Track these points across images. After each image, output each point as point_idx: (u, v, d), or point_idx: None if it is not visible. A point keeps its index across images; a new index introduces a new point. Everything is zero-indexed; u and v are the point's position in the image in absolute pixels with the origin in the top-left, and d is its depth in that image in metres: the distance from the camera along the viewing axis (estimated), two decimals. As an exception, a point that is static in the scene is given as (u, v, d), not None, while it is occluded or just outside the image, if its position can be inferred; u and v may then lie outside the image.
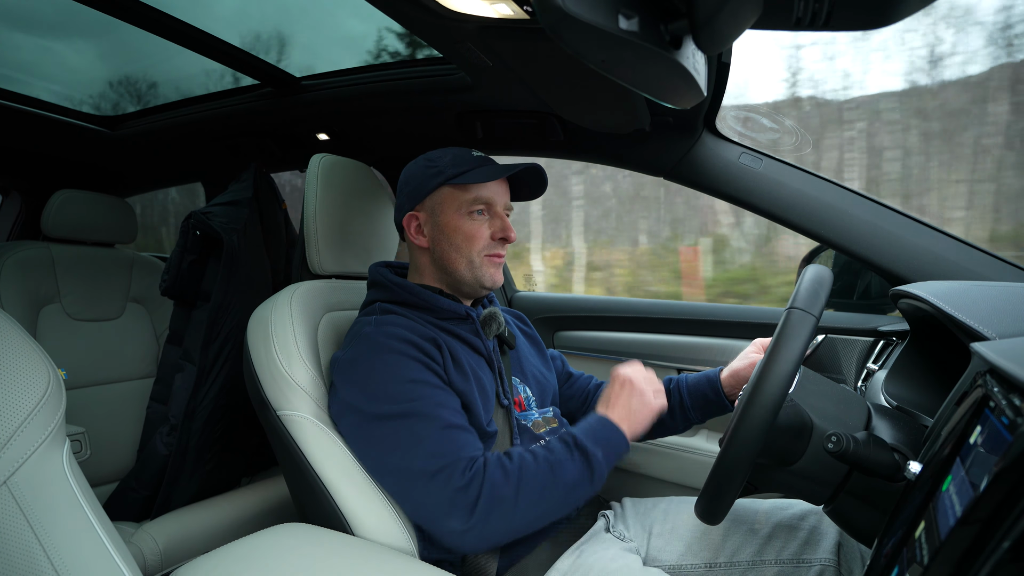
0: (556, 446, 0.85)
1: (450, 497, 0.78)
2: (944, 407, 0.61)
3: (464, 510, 0.77)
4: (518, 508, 0.78)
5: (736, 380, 1.05)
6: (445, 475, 0.79)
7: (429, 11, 0.88)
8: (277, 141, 1.67)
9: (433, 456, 0.80)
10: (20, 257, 1.53)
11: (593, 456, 0.83)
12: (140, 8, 1.13)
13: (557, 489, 0.81)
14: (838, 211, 1.12)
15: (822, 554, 0.92)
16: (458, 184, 0.96)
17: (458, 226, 0.97)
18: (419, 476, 0.80)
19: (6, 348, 0.57)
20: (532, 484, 0.80)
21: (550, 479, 0.81)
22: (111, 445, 1.58)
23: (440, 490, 0.79)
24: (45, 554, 0.51)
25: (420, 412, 0.83)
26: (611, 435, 0.87)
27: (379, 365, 0.87)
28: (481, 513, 0.77)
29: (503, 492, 0.78)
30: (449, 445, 0.82)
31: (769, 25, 0.49)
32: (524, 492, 0.79)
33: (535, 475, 0.80)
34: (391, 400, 0.85)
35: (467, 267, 0.98)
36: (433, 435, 0.82)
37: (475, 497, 0.78)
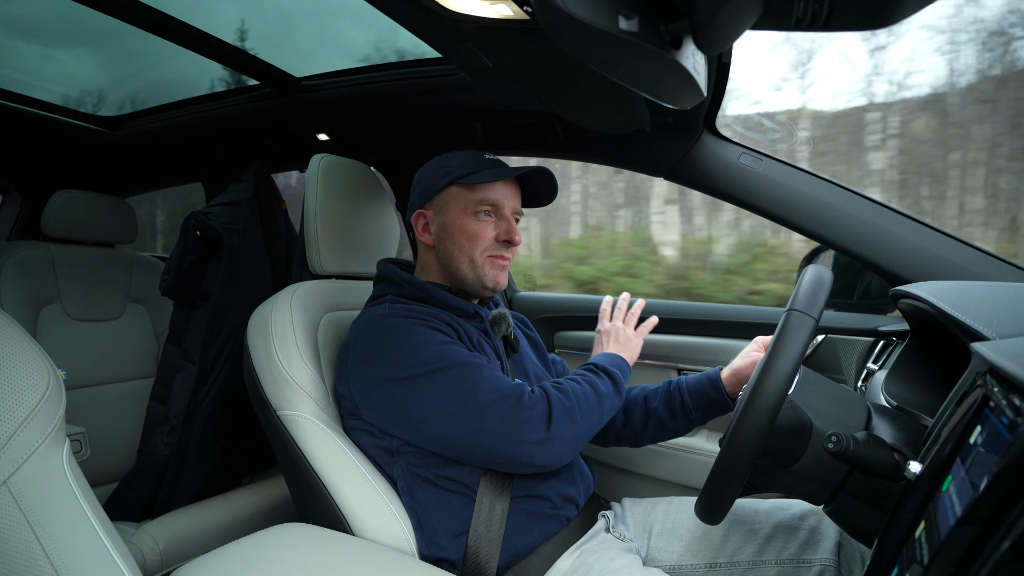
0: (584, 372, 0.97)
1: (527, 415, 0.84)
2: (944, 407, 0.61)
3: (541, 422, 0.84)
4: (581, 417, 0.88)
5: (737, 379, 1.05)
6: (513, 399, 0.85)
7: (429, 11, 0.88)
8: (277, 141, 1.67)
9: (494, 390, 0.86)
10: (20, 257, 1.53)
11: (614, 374, 0.98)
12: (141, 9, 1.13)
13: (600, 400, 0.93)
14: (838, 211, 1.12)
15: (822, 554, 0.92)
16: (466, 184, 0.98)
17: (463, 225, 0.98)
18: (488, 407, 0.84)
19: (6, 348, 0.57)
20: (583, 399, 0.90)
21: (593, 395, 0.92)
22: (111, 445, 1.58)
23: (513, 411, 0.84)
24: (45, 554, 0.51)
25: (465, 362, 0.88)
26: (618, 361, 1.03)
27: (403, 336, 0.90)
28: (556, 423, 0.85)
29: (568, 404, 0.88)
30: (503, 382, 0.88)
31: (769, 25, 0.49)
32: (581, 404, 0.89)
33: (584, 393, 0.91)
34: (429, 361, 0.87)
35: (469, 266, 0.99)
36: (485, 375, 0.87)
37: (546, 412, 0.85)
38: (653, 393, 1.12)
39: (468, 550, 0.89)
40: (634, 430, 1.12)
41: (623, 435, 1.14)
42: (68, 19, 1.28)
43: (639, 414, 1.12)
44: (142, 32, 1.21)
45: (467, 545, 0.90)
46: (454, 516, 0.91)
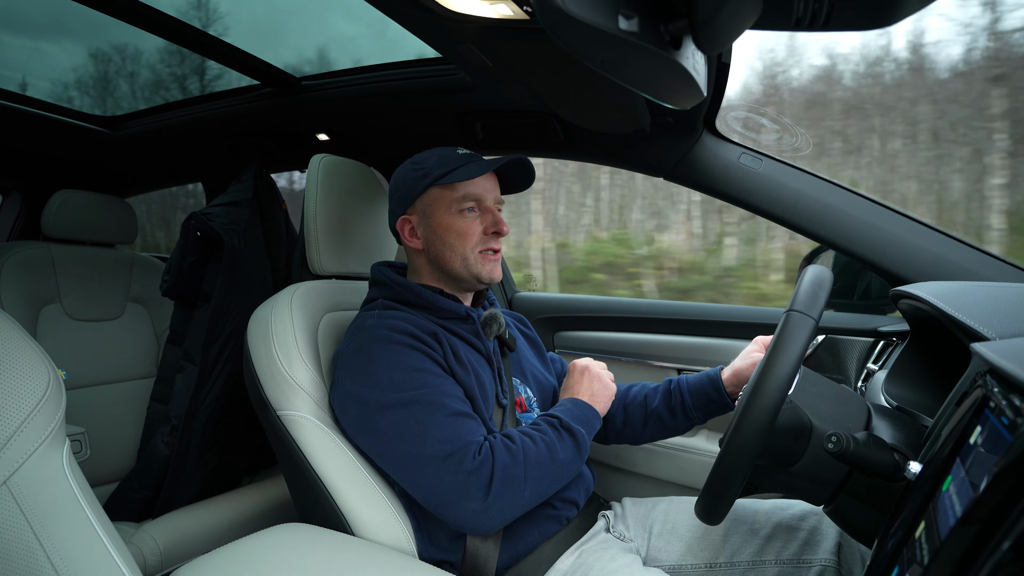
0: (546, 428, 0.90)
1: (464, 480, 0.80)
2: (944, 407, 0.60)
3: (480, 490, 0.80)
4: (526, 486, 0.83)
5: (738, 379, 1.05)
6: (456, 459, 0.81)
7: (429, 11, 0.88)
8: (277, 141, 1.67)
9: (442, 441, 0.82)
10: (20, 257, 1.53)
11: (578, 434, 0.91)
12: (140, 8, 1.13)
13: (555, 467, 0.87)
14: (838, 211, 1.12)
15: (822, 554, 0.92)
16: (445, 184, 0.97)
17: (450, 225, 0.98)
18: (430, 461, 0.82)
19: (6, 348, 0.57)
20: (535, 463, 0.84)
21: (548, 458, 0.86)
22: (111, 445, 1.58)
23: (453, 473, 0.81)
24: (45, 554, 0.51)
25: (425, 400, 0.85)
26: (587, 413, 0.96)
27: (382, 354, 0.88)
28: (496, 492, 0.80)
29: (513, 472, 0.82)
30: (457, 431, 0.84)
31: (769, 25, 0.49)
32: (530, 471, 0.84)
33: (537, 456, 0.85)
34: (396, 388, 0.86)
35: (462, 264, 0.99)
36: (440, 421, 0.84)
37: (488, 478, 0.81)
38: (653, 392, 1.12)
39: (467, 551, 0.89)
40: (634, 428, 1.12)
41: (623, 433, 1.14)
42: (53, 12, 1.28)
43: (639, 413, 1.11)
44: (141, 32, 1.21)
45: (466, 546, 0.90)
46: (454, 517, 0.91)
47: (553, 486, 0.88)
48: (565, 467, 0.88)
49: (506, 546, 0.91)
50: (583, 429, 0.92)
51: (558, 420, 0.91)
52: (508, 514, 0.83)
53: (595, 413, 0.97)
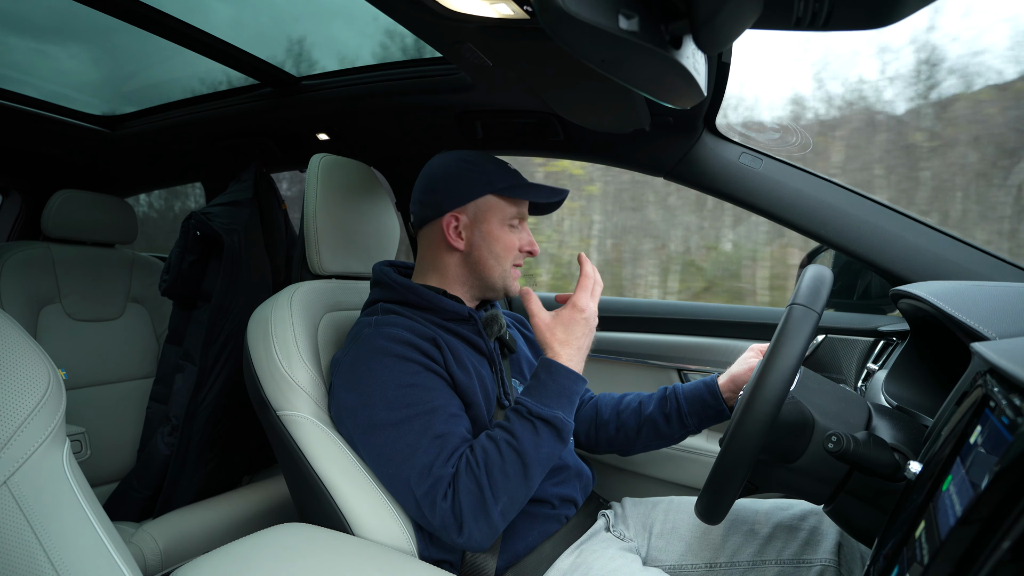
0: (517, 427, 0.83)
1: (441, 517, 0.80)
2: (944, 407, 0.60)
3: (453, 529, 0.80)
4: (498, 503, 0.80)
5: (735, 385, 1.05)
6: (431, 496, 0.81)
7: (429, 11, 0.88)
8: (277, 141, 1.67)
9: (423, 474, 0.81)
10: (20, 257, 1.53)
11: (554, 419, 0.83)
12: (141, 8, 1.13)
13: (531, 466, 0.82)
14: (838, 211, 1.12)
15: (822, 554, 0.92)
16: (506, 196, 0.99)
17: (499, 236, 0.99)
18: (412, 492, 0.82)
19: (6, 348, 0.57)
20: (502, 477, 0.80)
21: (518, 464, 0.81)
22: (111, 445, 1.58)
23: (431, 510, 0.81)
24: (45, 554, 0.51)
25: (415, 417, 0.84)
26: (564, 383, 0.86)
27: (377, 369, 0.88)
28: (468, 528, 0.79)
29: (480, 500, 0.79)
30: (438, 456, 0.82)
31: (769, 25, 0.49)
32: (497, 487, 0.80)
33: (503, 468, 0.80)
34: (388, 406, 0.85)
35: (500, 276, 1.01)
36: (424, 445, 0.83)
37: (459, 514, 0.79)
38: (648, 398, 1.12)
39: (467, 551, 0.89)
40: (627, 435, 1.11)
41: (615, 440, 1.13)
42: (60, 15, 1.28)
43: (632, 419, 1.11)
44: (140, 32, 1.21)
45: (467, 545, 0.90)
46: (454, 516, 0.91)
47: (534, 480, 0.83)
48: (544, 460, 0.83)
49: (506, 546, 0.91)
50: (559, 412, 0.83)
51: (528, 411, 0.83)
52: (490, 534, 0.81)
53: (574, 378, 0.86)
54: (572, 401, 0.86)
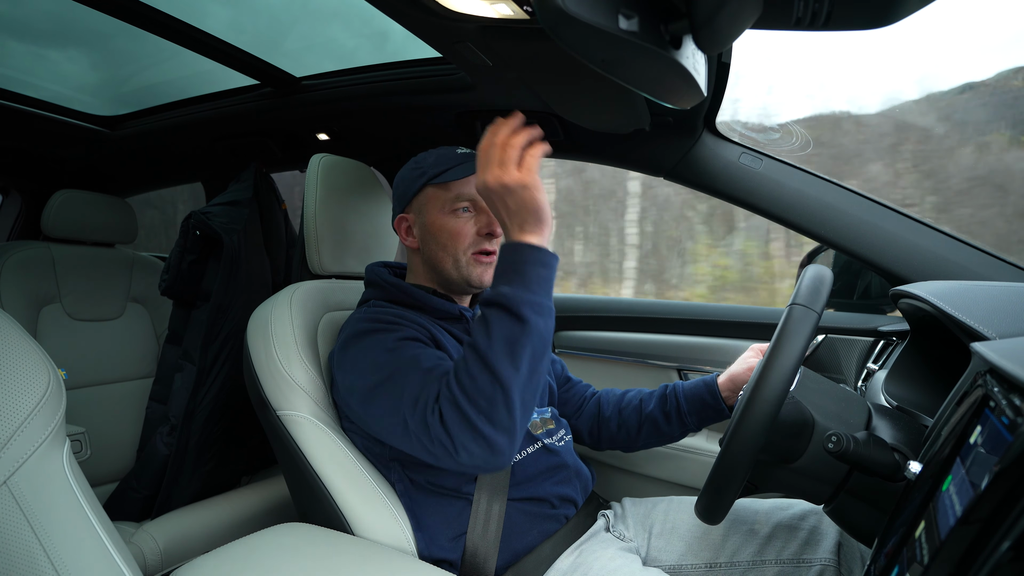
0: (473, 328, 0.77)
1: (438, 442, 0.75)
2: (944, 407, 0.60)
3: (451, 450, 0.74)
4: (477, 408, 0.73)
5: (734, 385, 1.05)
6: (424, 424, 0.76)
7: (429, 11, 0.88)
8: (277, 141, 1.67)
9: (413, 405, 0.78)
10: (20, 257, 1.53)
11: (496, 297, 0.75)
12: (140, 8, 1.13)
13: (489, 354, 0.73)
14: (838, 211, 1.12)
15: (822, 554, 0.92)
16: (440, 183, 0.97)
17: (443, 225, 0.97)
18: (409, 429, 0.78)
19: (6, 348, 0.57)
20: (471, 378, 0.74)
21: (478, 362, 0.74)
22: (111, 445, 1.58)
23: (428, 438, 0.76)
24: (45, 554, 0.51)
25: (403, 364, 0.83)
26: (507, 259, 0.77)
27: (365, 343, 0.89)
28: (460, 440, 0.73)
29: (459, 412, 0.74)
30: (425, 386, 0.79)
31: (769, 25, 0.49)
32: (470, 392, 0.73)
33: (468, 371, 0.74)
34: (378, 368, 0.85)
35: (453, 266, 0.98)
36: (413, 380, 0.80)
37: (450, 435, 0.74)
38: (649, 396, 1.12)
39: (467, 551, 0.89)
40: (628, 433, 1.12)
41: (617, 438, 1.14)
42: (60, 20, 1.28)
43: (633, 417, 1.11)
44: (140, 32, 1.21)
45: (466, 546, 0.90)
46: (452, 518, 0.91)
47: (500, 370, 0.73)
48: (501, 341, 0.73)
49: (505, 545, 0.91)
50: (502, 288, 0.75)
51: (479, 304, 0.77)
52: (484, 441, 0.73)
53: (514, 248, 0.77)
54: (520, 272, 0.75)
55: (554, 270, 0.78)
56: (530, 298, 0.74)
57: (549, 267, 0.77)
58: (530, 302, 0.74)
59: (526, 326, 0.73)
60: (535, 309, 0.74)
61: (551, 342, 0.78)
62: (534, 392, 0.76)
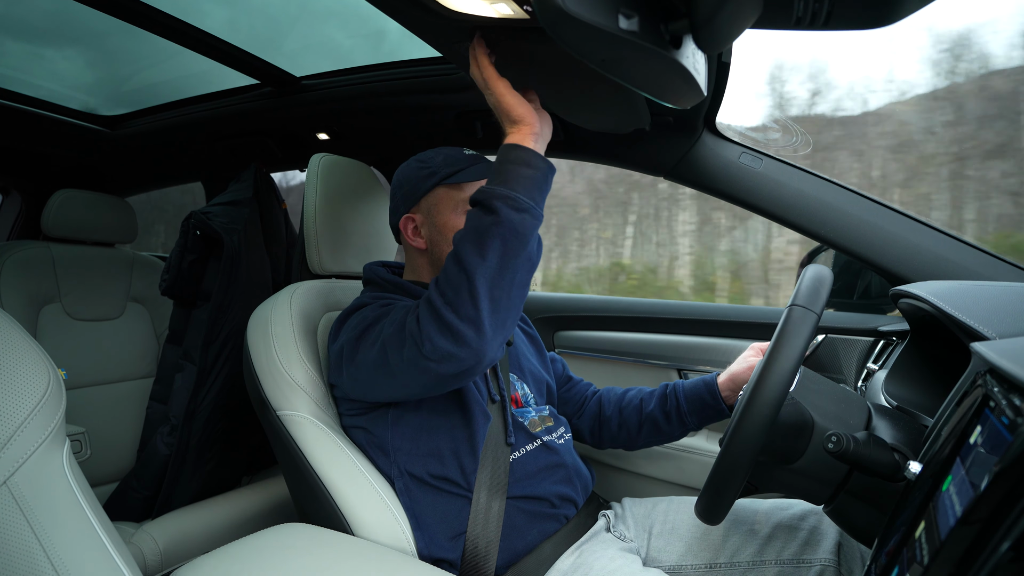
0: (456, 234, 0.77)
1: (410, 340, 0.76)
2: (944, 407, 0.60)
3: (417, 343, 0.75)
4: (444, 298, 0.73)
5: (734, 384, 1.05)
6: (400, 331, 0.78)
7: (429, 11, 0.88)
8: (277, 141, 1.67)
9: (395, 322, 0.80)
10: (20, 257, 1.53)
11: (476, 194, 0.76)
12: (140, 8, 1.13)
13: (459, 246, 0.74)
14: (838, 211, 1.12)
15: (822, 554, 0.92)
16: (452, 184, 0.97)
17: (456, 226, 0.97)
18: (386, 343, 0.80)
19: (6, 348, 0.57)
20: (445, 273, 0.74)
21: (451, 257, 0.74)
22: (111, 445, 1.58)
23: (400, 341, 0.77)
24: (45, 554, 0.51)
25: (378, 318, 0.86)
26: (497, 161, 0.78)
27: (359, 313, 0.91)
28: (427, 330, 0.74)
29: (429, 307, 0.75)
30: (407, 311, 0.80)
31: (769, 25, 0.49)
32: (442, 286, 0.74)
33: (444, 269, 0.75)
34: (364, 322, 0.87)
35: None
36: (397, 314, 0.82)
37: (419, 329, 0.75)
38: (649, 395, 1.12)
39: (467, 550, 0.89)
40: (629, 433, 1.12)
41: (618, 437, 1.14)
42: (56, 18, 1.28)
43: (634, 416, 1.11)
44: (140, 31, 1.21)
45: (465, 545, 0.90)
46: (452, 516, 0.91)
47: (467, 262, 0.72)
48: (471, 234, 0.74)
49: (505, 545, 0.91)
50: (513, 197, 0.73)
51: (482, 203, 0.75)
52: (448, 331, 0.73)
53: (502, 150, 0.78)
54: (501, 171, 0.76)
55: (541, 171, 0.77)
56: (504, 192, 0.74)
57: (534, 167, 0.76)
58: (504, 195, 0.73)
59: (496, 217, 0.72)
60: (508, 203, 0.73)
61: (533, 245, 0.76)
62: (507, 290, 0.74)
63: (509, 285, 0.74)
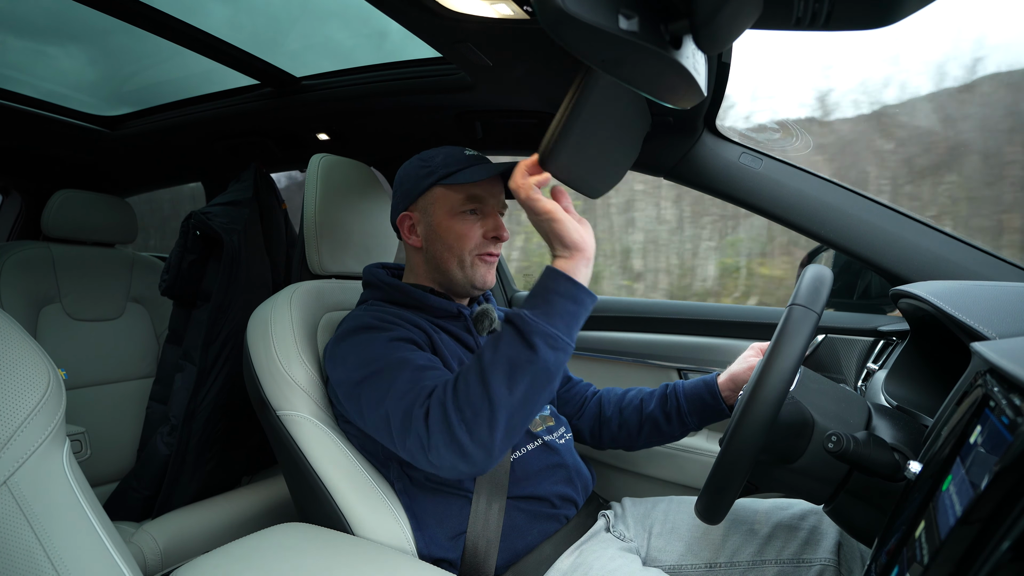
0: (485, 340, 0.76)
1: (415, 439, 0.75)
2: (944, 407, 0.60)
3: (423, 450, 0.74)
4: (462, 414, 0.72)
5: (734, 384, 1.05)
6: (406, 422, 0.77)
7: (429, 11, 0.88)
8: (277, 141, 1.67)
9: (399, 399, 0.78)
10: (20, 257, 1.53)
11: (513, 317, 0.73)
12: (140, 8, 1.13)
13: (488, 369, 0.72)
14: (838, 211, 1.12)
15: (822, 554, 0.92)
16: (450, 184, 0.97)
17: (450, 226, 0.97)
18: (390, 424, 0.78)
19: (6, 348, 0.57)
20: (466, 384, 0.73)
21: (476, 371, 0.73)
22: (111, 445, 1.58)
23: (404, 435, 0.76)
24: (45, 554, 0.51)
25: (394, 360, 0.83)
26: (542, 284, 0.75)
27: (359, 340, 0.89)
28: (436, 442, 0.73)
29: (443, 416, 0.73)
30: (415, 384, 0.79)
31: (769, 25, 0.49)
32: (461, 399, 0.73)
33: (465, 379, 0.74)
34: (368, 363, 0.85)
35: (458, 266, 0.98)
36: (404, 377, 0.80)
37: (427, 436, 0.74)
38: (649, 396, 1.12)
39: (467, 550, 0.89)
40: (629, 433, 1.12)
41: (618, 437, 1.14)
42: (58, 16, 1.28)
43: (635, 417, 1.11)
44: (140, 32, 1.21)
45: (465, 545, 0.90)
46: (452, 516, 0.91)
47: (493, 386, 0.71)
48: (503, 361, 0.72)
49: (505, 545, 0.91)
50: (523, 311, 0.73)
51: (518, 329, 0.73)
52: (456, 447, 0.72)
53: (551, 276, 0.75)
54: (547, 300, 0.74)
55: (585, 308, 0.75)
56: (547, 329, 0.72)
57: (580, 304, 0.74)
58: (545, 333, 0.72)
59: (533, 354, 0.72)
60: (549, 341, 0.72)
61: (558, 378, 0.75)
62: (525, 419, 0.74)
63: (528, 413, 0.74)
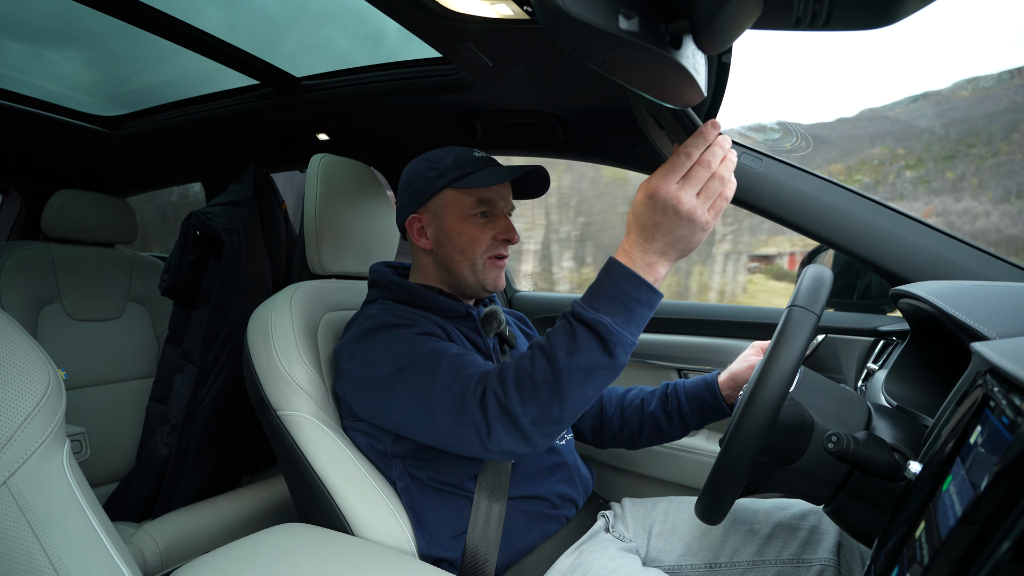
0: (556, 332, 0.73)
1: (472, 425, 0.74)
2: (944, 407, 0.60)
3: (484, 434, 0.74)
4: (527, 410, 0.72)
5: (735, 383, 1.05)
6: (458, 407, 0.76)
7: (429, 11, 0.88)
8: (277, 141, 1.67)
9: (446, 386, 0.78)
10: (20, 257, 1.53)
11: (596, 324, 0.69)
12: (140, 8, 1.13)
13: (563, 375, 0.70)
14: (838, 211, 1.12)
15: (822, 554, 0.92)
16: (461, 187, 0.96)
17: (461, 229, 0.97)
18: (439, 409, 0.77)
19: (6, 348, 0.57)
20: (533, 383, 0.72)
21: (548, 372, 0.71)
22: (111, 445, 1.58)
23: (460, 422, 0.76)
24: (45, 554, 0.51)
25: (427, 356, 0.82)
26: (622, 289, 0.70)
27: (384, 336, 0.88)
28: (496, 430, 0.73)
29: (505, 404, 0.72)
30: (461, 371, 0.79)
31: (769, 25, 0.49)
32: (527, 394, 0.72)
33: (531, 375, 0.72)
34: (400, 358, 0.83)
35: (470, 270, 0.98)
36: (445, 366, 0.80)
37: (488, 421, 0.73)
38: (650, 395, 1.12)
39: (467, 550, 0.89)
40: (630, 432, 1.12)
41: (620, 437, 1.14)
42: (56, 19, 1.28)
43: (636, 416, 1.11)
44: (140, 32, 1.21)
45: (466, 545, 0.90)
46: (452, 516, 0.91)
47: (567, 393, 0.70)
48: (580, 370, 0.70)
49: (505, 545, 0.91)
50: (605, 317, 0.69)
51: (570, 311, 0.72)
52: (522, 437, 0.72)
53: (635, 283, 0.69)
54: (628, 308, 0.69)
55: (653, 311, 0.73)
56: (629, 339, 0.71)
57: (653, 310, 0.73)
58: (626, 343, 0.70)
59: (613, 361, 0.70)
60: (628, 350, 0.71)
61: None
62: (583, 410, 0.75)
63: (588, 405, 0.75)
